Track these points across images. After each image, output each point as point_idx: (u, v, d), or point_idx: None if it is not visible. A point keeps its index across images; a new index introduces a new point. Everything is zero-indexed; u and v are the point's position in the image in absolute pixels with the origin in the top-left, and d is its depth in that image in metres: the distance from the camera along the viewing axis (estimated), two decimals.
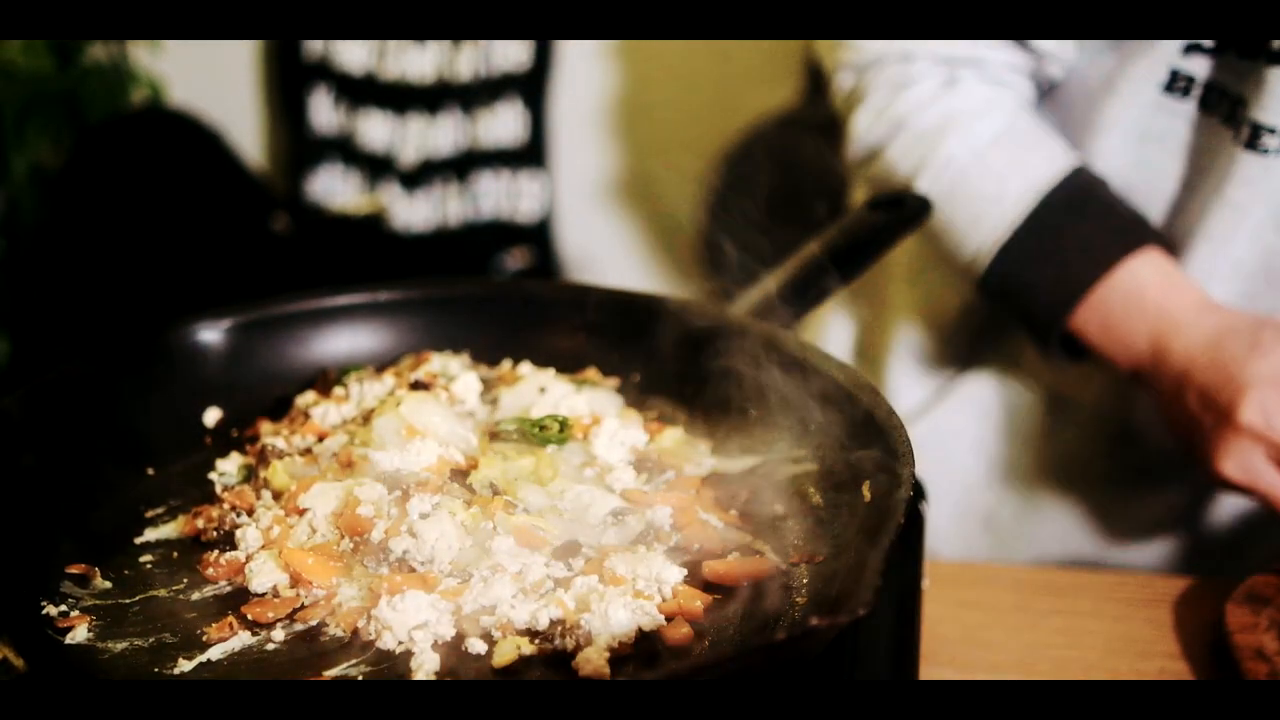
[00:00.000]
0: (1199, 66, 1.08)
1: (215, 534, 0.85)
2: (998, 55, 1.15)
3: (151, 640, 0.77)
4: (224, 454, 0.94)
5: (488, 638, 0.75)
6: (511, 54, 2.64)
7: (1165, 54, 1.08)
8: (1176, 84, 1.09)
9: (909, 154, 1.15)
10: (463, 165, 2.68)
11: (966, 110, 1.14)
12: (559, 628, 0.75)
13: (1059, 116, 1.18)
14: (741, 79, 2.55)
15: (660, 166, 2.70)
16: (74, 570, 0.83)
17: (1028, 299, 1.12)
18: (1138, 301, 1.08)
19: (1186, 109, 1.09)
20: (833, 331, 1.39)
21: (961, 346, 1.30)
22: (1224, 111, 1.07)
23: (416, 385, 0.95)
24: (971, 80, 1.15)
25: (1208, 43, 1.06)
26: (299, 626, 0.77)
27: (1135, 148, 1.13)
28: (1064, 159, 1.12)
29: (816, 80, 2.43)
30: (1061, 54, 1.15)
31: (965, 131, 1.13)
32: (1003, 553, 1.29)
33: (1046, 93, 1.20)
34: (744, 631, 0.76)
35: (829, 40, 1.22)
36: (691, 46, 2.57)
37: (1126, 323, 1.08)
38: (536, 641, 0.75)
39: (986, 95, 1.15)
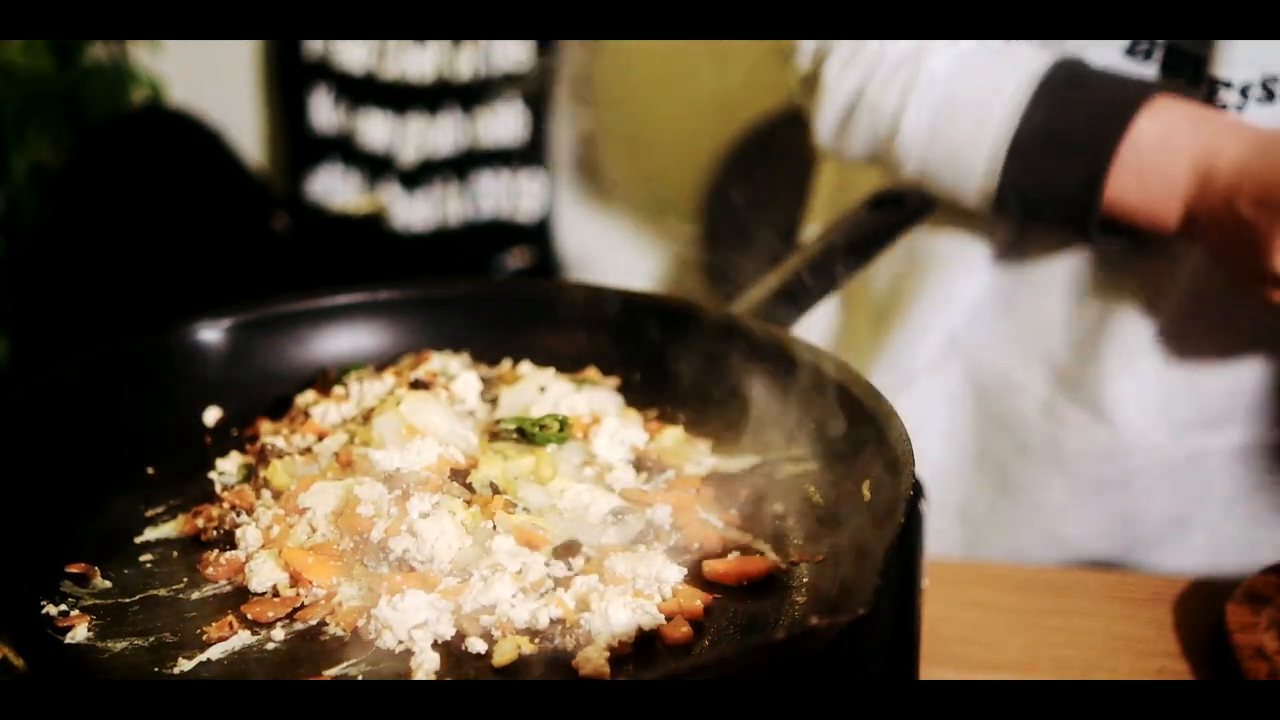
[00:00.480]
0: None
1: (215, 533, 0.85)
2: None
3: (151, 640, 0.77)
4: (224, 453, 0.94)
5: (488, 637, 0.75)
6: (511, 53, 2.64)
7: None
8: (1138, 48, 1.08)
9: (891, 83, 1.12)
10: (463, 165, 2.68)
11: (932, 41, 1.11)
12: (559, 627, 0.75)
13: None
14: (741, 79, 2.55)
15: (660, 166, 2.70)
16: (74, 569, 0.83)
17: (1054, 184, 1.08)
18: (1169, 142, 1.04)
19: (1149, 71, 1.09)
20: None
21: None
22: (1188, 73, 1.07)
23: (416, 384, 0.95)
24: None
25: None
26: (299, 626, 0.77)
27: None
28: (1045, 55, 1.10)
29: None
30: None
31: (941, 49, 1.11)
32: (979, 546, 1.29)
33: None
34: (744, 631, 0.76)
35: (781, 52, 1.21)
36: (691, 46, 2.57)
37: (1165, 166, 1.04)
38: (536, 641, 0.75)
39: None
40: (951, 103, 1.10)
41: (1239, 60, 1.04)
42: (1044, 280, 1.19)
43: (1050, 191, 1.08)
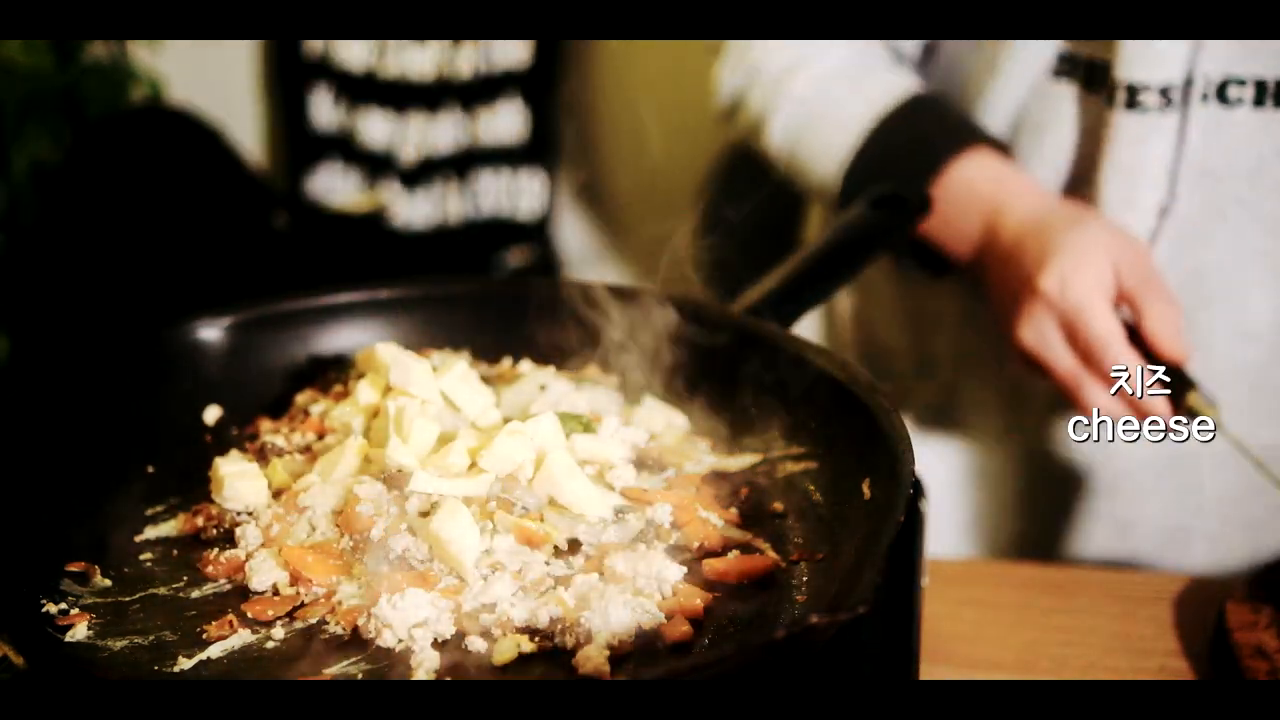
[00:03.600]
0: (1077, 46, 1.12)
1: (215, 532, 0.85)
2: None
3: (151, 638, 0.77)
4: (224, 452, 0.94)
5: (487, 636, 0.75)
6: (511, 52, 2.64)
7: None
8: (1062, 66, 1.13)
9: (763, 97, 1.22)
10: (463, 163, 2.68)
11: (813, 49, 1.21)
12: (559, 625, 0.75)
13: None
14: None
15: (660, 165, 2.70)
16: (74, 568, 0.82)
17: None
18: (969, 193, 1.13)
19: (1071, 90, 1.13)
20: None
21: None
22: (1106, 83, 1.10)
23: None
24: None
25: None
26: (299, 624, 0.77)
27: (1020, 130, 1.17)
28: (903, 84, 1.18)
29: None
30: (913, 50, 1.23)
31: (810, 67, 1.20)
32: (967, 549, 1.29)
33: (928, 69, 1.25)
34: (744, 629, 0.76)
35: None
36: (692, 47, 2.57)
37: (962, 214, 1.13)
38: (536, 639, 0.75)
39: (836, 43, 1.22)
40: (806, 123, 1.20)
41: (1141, 61, 1.07)
42: None
43: None
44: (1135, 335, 1.03)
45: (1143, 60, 1.07)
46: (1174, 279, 1.09)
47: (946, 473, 1.30)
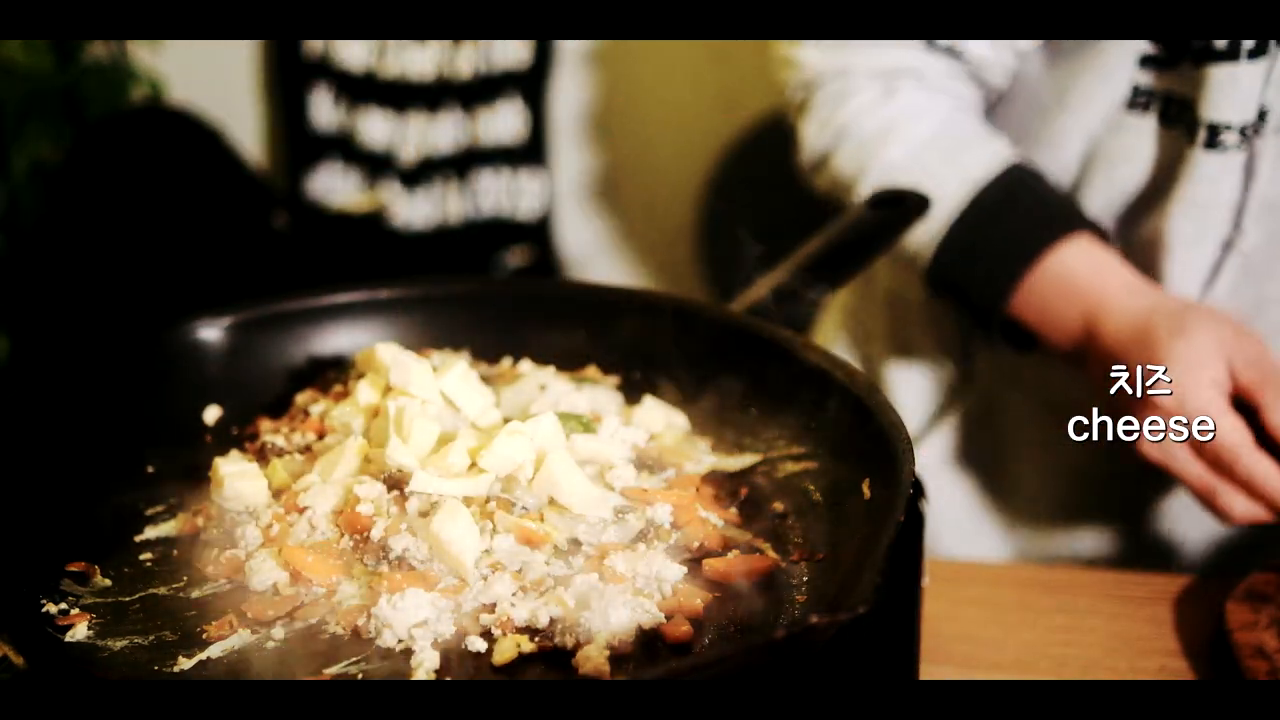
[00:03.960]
0: (1155, 80, 1.10)
1: (215, 532, 0.85)
2: (931, 65, 1.18)
3: (151, 638, 0.77)
4: (224, 452, 0.94)
5: (487, 636, 0.75)
6: (511, 52, 2.64)
7: (1123, 69, 1.11)
8: (1138, 100, 1.11)
9: (852, 160, 1.18)
10: (463, 163, 2.68)
11: (904, 116, 1.17)
12: (559, 626, 0.75)
13: (1010, 131, 1.20)
14: (741, 79, 2.55)
15: (660, 165, 2.70)
16: (74, 568, 0.83)
17: (966, 293, 1.15)
18: (1068, 286, 1.10)
19: (1148, 124, 1.12)
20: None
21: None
22: (1185, 120, 1.09)
23: None
24: (909, 89, 1.18)
25: (1156, 52, 1.09)
26: (299, 624, 0.77)
27: (1093, 161, 1.15)
28: (1000, 156, 1.15)
29: None
30: (997, 60, 1.18)
31: (902, 136, 1.16)
32: (966, 546, 1.29)
33: (996, 104, 1.23)
34: (744, 629, 0.76)
35: (776, 61, 1.26)
36: (691, 46, 2.57)
37: (1060, 308, 1.11)
38: (536, 639, 0.75)
39: (923, 101, 1.18)
40: (917, 170, 1.15)
41: (1227, 102, 1.05)
42: None
43: (961, 295, 1.16)
44: (1256, 426, 1.01)
45: (1227, 100, 1.05)
46: (1237, 313, 1.09)
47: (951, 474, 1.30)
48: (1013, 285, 1.11)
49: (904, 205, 1.08)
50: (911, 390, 1.33)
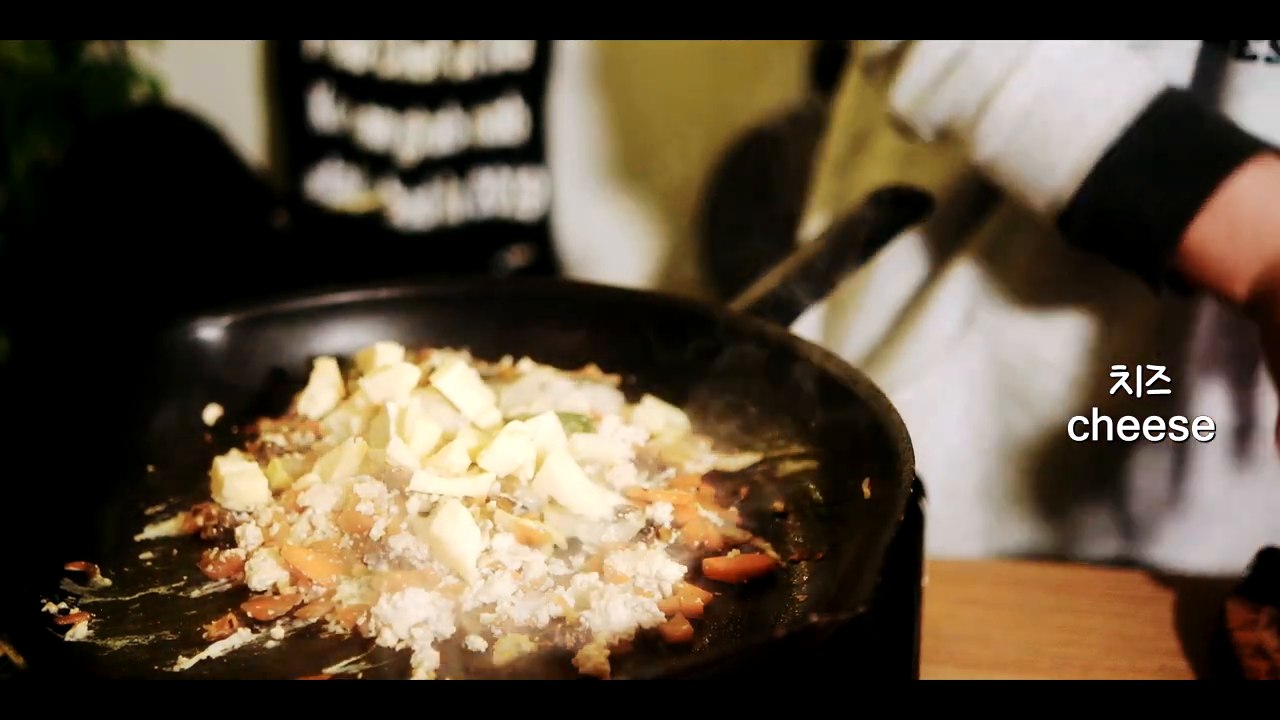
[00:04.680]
0: None
1: (215, 531, 0.85)
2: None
3: (151, 638, 0.77)
4: (224, 452, 0.94)
5: (488, 635, 0.75)
6: (511, 52, 2.64)
7: None
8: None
9: (999, 52, 1.01)
10: (463, 163, 2.68)
11: (1033, 45, 1.02)
12: (559, 625, 0.75)
13: None
14: (741, 79, 2.55)
15: (660, 164, 2.70)
16: (74, 567, 0.83)
17: (1137, 210, 0.98)
18: (1271, 205, 0.95)
19: None
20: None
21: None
22: None
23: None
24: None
25: None
26: (299, 624, 0.77)
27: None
28: (1161, 74, 1.01)
29: (817, 78, 2.43)
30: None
31: (1035, 57, 1.01)
32: (998, 532, 1.28)
33: None
34: (744, 629, 0.76)
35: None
36: (691, 46, 2.57)
37: (1258, 228, 0.95)
38: (536, 639, 0.75)
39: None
40: (1057, 92, 1.00)
41: None
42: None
43: (1130, 217, 0.98)
44: None
45: None
46: None
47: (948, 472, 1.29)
48: (1201, 201, 0.95)
49: (904, 204, 1.08)
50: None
